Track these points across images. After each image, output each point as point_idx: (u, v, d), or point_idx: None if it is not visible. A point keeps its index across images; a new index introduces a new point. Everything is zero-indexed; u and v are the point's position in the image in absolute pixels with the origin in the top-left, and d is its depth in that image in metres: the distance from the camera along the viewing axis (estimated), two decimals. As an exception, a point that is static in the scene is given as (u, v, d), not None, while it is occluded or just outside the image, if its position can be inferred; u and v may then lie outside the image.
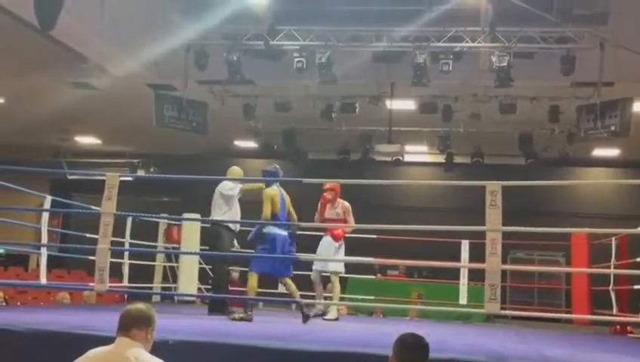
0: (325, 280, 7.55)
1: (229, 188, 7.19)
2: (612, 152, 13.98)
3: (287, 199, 6.60)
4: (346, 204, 7.48)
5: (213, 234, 7.16)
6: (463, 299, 9.42)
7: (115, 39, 9.29)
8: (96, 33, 8.98)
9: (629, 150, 13.41)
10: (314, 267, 7.43)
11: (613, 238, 8.40)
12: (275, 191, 6.43)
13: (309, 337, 5.06)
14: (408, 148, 13.40)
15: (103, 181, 5.73)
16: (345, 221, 7.35)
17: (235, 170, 7.47)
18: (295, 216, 6.70)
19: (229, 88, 11.23)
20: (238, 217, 7.22)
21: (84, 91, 11.63)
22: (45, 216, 7.48)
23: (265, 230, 6.31)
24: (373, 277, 11.49)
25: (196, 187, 9.60)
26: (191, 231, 9.18)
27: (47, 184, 15.62)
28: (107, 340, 3.20)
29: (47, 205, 7.60)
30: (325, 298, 7.34)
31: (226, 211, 7.14)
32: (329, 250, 7.39)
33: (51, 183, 16.14)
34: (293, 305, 10.90)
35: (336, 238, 7.38)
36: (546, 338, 6.66)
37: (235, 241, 7.38)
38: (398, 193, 14.93)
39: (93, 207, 7.05)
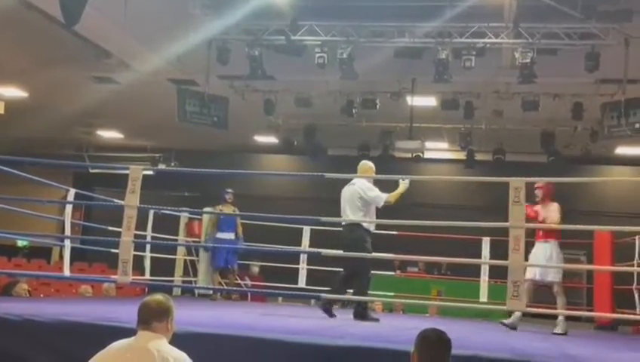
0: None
1: (369, 188, 6.48)
2: (636, 150, 13.79)
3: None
4: (555, 205, 6.94)
5: (356, 238, 6.42)
6: (483, 297, 9.35)
7: (137, 34, 9.36)
8: (120, 28, 9.04)
9: (652, 148, 13.25)
10: (527, 276, 6.70)
11: (637, 237, 8.29)
12: None
13: (330, 332, 5.06)
14: (429, 144, 13.35)
15: (124, 175, 5.74)
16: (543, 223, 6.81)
17: (368, 166, 6.76)
18: None
19: (249, 83, 11.26)
20: (373, 218, 6.60)
21: (107, 86, 11.74)
22: (69, 208, 7.55)
23: None
24: (392, 273, 11.47)
25: (216, 182, 9.65)
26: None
27: (69, 178, 15.85)
28: (131, 331, 3.23)
29: (70, 198, 7.67)
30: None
31: (365, 213, 6.47)
32: (542, 257, 6.84)
33: (74, 177, 16.36)
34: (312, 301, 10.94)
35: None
36: (568, 336, 6.61)
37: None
38: (418, 190, 14.79)
39: (116, 200, 7.11)
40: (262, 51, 9.86)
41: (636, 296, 8.04)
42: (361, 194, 6.44)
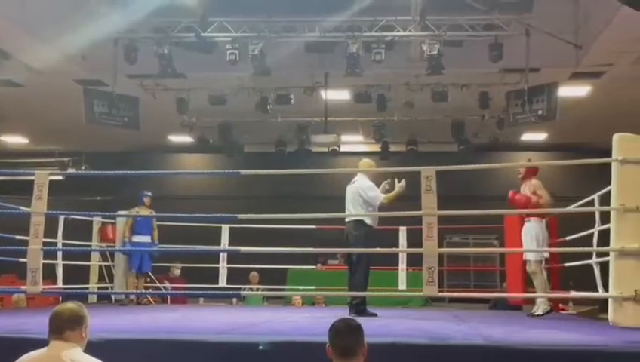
0: None
1: (368, 187, 6.66)
2: (540, 136, 14.42)
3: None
4: (535, 181, 7.12)
5: (358, 234, 6.59)
6: (402, 285, 9.56)
7: (38, 33, 8.97)
8: (18, 27, 8.65)
9: (555, 133, 13.88)
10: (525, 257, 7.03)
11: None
12: None
13: (250, 329, 5.05)
14: (344, 138, 13.48)
15: (32, 181, 5.54)
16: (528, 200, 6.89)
17: (368, 164, 6.96)
18: None
19: (160, 82, 11.02)
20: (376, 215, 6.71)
21: (8, 89, 11.20)
22: (-29, 219, 7.18)
23: None
24: (313, 267, 11.54)
25: (130, 184, 9.42)
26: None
27: (-29, 187, 15.00)
28: (44, 342, 3.12)
29: (-28, 208, 7.29)
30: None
31: (367, 211, 6.63)
32: (525, 237, 7.00)
33: (-24, 186, 15.50)
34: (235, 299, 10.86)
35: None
36: (484, 318, 6.84)
37: None
38: (336, 183, 14.89)
39: (22, 208, 6.82)
40: (171, 49, 9.67)
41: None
42: (361, 194, 6.65)
